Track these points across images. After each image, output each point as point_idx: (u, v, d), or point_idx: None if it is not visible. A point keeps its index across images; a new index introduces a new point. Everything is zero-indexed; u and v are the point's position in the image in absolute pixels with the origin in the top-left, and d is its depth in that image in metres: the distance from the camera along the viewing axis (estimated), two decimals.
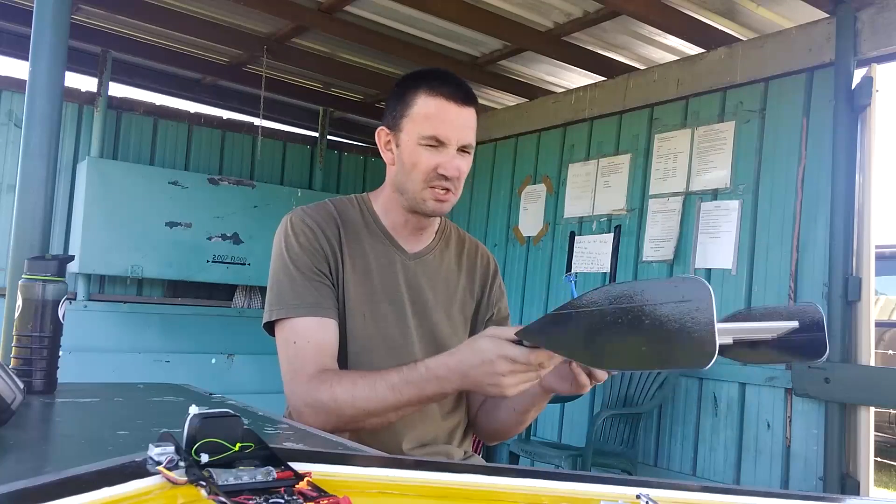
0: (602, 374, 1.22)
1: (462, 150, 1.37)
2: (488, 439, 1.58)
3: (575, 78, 4.45)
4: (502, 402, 1.46)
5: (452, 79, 1.38)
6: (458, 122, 1.35)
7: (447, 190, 1.36)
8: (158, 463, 0.61)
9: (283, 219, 1.43)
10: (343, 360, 1.38)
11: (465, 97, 1.37)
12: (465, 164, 1.37)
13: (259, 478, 0.61)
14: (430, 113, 1.35)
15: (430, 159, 1.34)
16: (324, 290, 1.36)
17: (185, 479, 0.59)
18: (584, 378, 1.22)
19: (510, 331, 1.11)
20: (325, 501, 0.58)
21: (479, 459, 1.56)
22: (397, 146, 1.39)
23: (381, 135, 1.43)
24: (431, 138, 1.34)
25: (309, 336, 1.33)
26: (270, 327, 1.39)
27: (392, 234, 1.46)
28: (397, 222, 1.46)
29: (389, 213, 1.46)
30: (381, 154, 1.44)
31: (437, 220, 1.51)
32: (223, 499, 0.56)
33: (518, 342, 1.08)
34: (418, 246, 1.48)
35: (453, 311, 1.49)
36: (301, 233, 1.39)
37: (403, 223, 1.45)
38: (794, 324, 1.07)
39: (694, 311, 0.77)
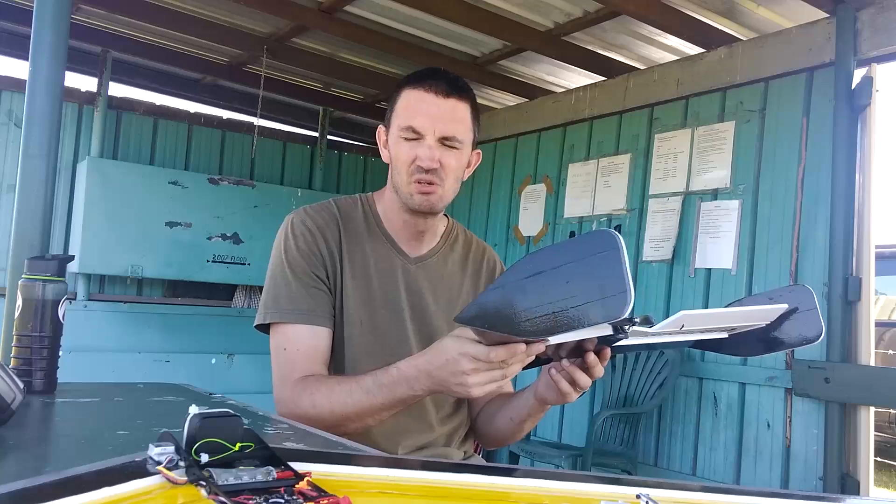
0: (586, 381, 1.16)
1: (444, 141, 1.32)
2: (487, 444, 1.57)
3: (575, 78, 4.45)
4: (499, 409, 1.44)
5: (438, 73, 1.35)
6: (436, 113, 1.32)
7: (431, 183, 1.33)
8: (158, 463, 0.61)
9: (286, 219, 1.42)
10: (340, 367, 1.37)
11: (448, 88, 1.33)
12: (447, 156, 1.33)
13: (259, 478, 0.60)
14: (408, 104, 1.34)
15: (410, 151, 1.33)
16: (319, 297, 1.35)
17: (185, 479, 0.59)
18: (564, 385, 1.17)
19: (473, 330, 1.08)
20: (325, 501, 0.58)
21: (479, 459, 1.55)
22: (388, 142, 1.40)
23: (380, 133, 1.43)
24: (408, 129, 1.32)
25: (300, 344, 1.33)
26: (264, 326, 1.38)
27: (394, 236, 1.44)
28: (397, 224, 1.43)
29: (389, 215, 1.44)
30: (381, 153, 1.44)
31: (442, 222, 1.49)
32: (223, 499, 0.55)
33: (480, 341, 1.05)
34: (421, 249, 1.46)
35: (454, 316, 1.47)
36: (300, 236, 1.38)
37: (402, 225, 1.43)
38: (785, 306, 1.07)
39: (604, 260, 0.82)
